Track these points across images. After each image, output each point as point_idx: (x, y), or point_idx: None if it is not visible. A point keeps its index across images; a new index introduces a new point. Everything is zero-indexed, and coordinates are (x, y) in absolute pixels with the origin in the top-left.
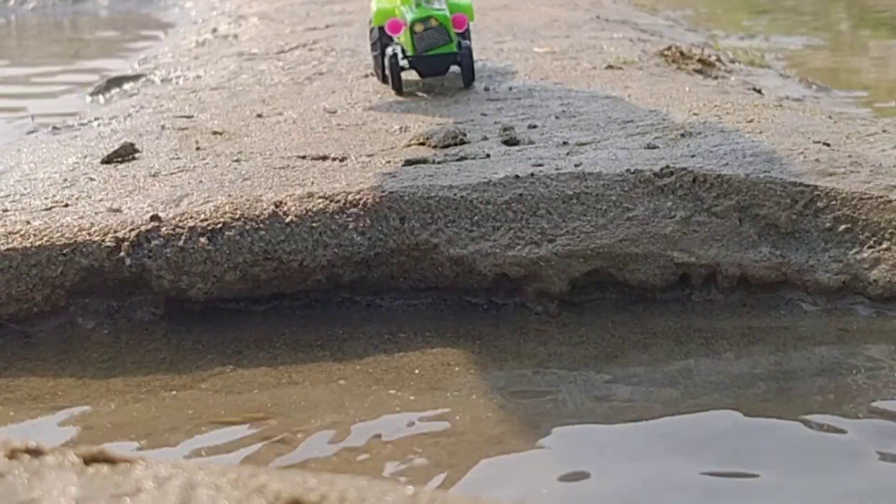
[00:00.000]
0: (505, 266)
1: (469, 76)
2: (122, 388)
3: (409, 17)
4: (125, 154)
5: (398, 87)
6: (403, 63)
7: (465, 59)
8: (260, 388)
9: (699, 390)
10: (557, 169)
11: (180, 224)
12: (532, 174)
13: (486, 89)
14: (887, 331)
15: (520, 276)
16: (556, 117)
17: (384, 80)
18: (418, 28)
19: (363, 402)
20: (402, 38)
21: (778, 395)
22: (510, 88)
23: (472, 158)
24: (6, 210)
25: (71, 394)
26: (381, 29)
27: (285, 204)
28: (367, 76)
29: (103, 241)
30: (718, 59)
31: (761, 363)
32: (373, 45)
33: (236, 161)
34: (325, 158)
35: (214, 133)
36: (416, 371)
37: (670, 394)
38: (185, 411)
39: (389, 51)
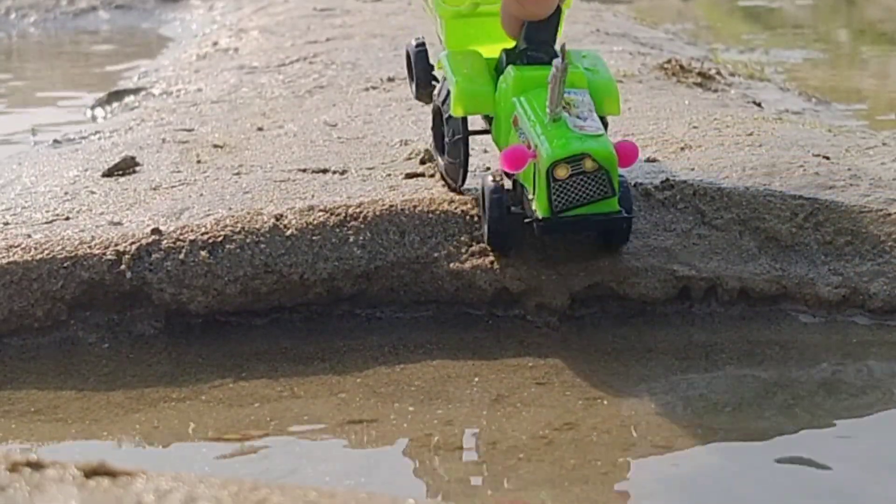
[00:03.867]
0: (505, 280)
1: (623, 239)
2: (123, 400)
3: (546, 149)
4: (126, 167)
5: (501, 247)
6: (518, 213)
7: (623, 222)
8: (261, 402)
9: (698, 405)
10: None
11: (181, 237)
12: None
13: None
14: (888, 343)
15: (520, 291)
16: None
17: (458, 189)
18: (561, 173)
19: (363, 415)
20: (525, 176)
21: (778, 412)
22: None
23: (472, 171)
24: (7, 223)
25: (72, 407)
26: (465, 120)
27: (286, 217)
28: (367, 90)
29: (104, 254)
30: (718, 73)
31: (761, 377)
32: (450, 139)
33: (237, 174)
34: (325, 171)
35: (215, 146)
36: (417, 383)
37: (669, 409)
38: (186, 424)
39: (490, 183)
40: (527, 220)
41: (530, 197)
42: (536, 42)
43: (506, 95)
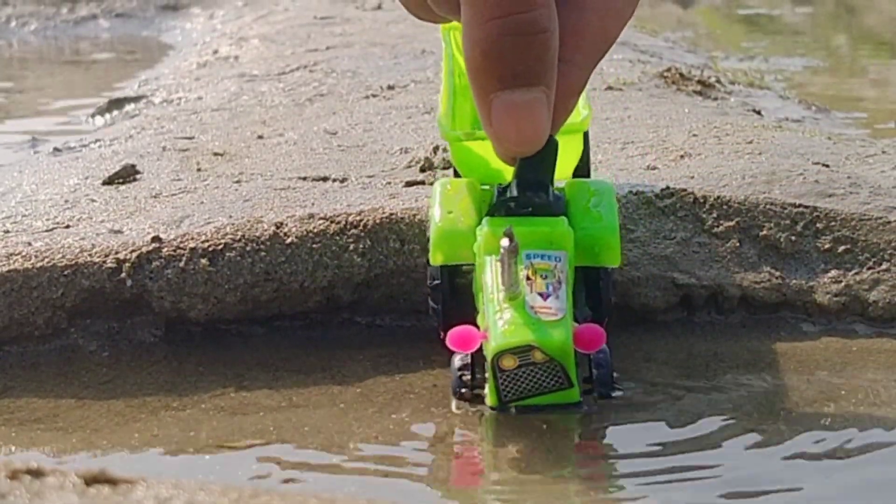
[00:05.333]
0: None
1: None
2: (123, 409)
3: (492, 336)
4: (126, 175)
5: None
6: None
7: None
8: (262, 411)
9: (698, 413)
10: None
11: (181, 245)
12: None
13: None
14: (888, 351)
15: None
16: None
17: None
18: (508, 364)
19: (363, 425)
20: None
21: (778, 420)
22: None
23: None
24: (7, 231)
25: (72, 415)
26: (444, 269)
27: (286, 225)
28: (367, 98)
29: (104, 262)
30: (718, 81)
31: (761, 386)
32: (429, 282)
33: (237, 182)
34: (325, 179)
35: (215, 154)
36: (417, 392)
37: (669, 419)
38: (186, 432)
39: (457, 361)
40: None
41: (486, 375)
42: (526, 183)
43: (478, 252)
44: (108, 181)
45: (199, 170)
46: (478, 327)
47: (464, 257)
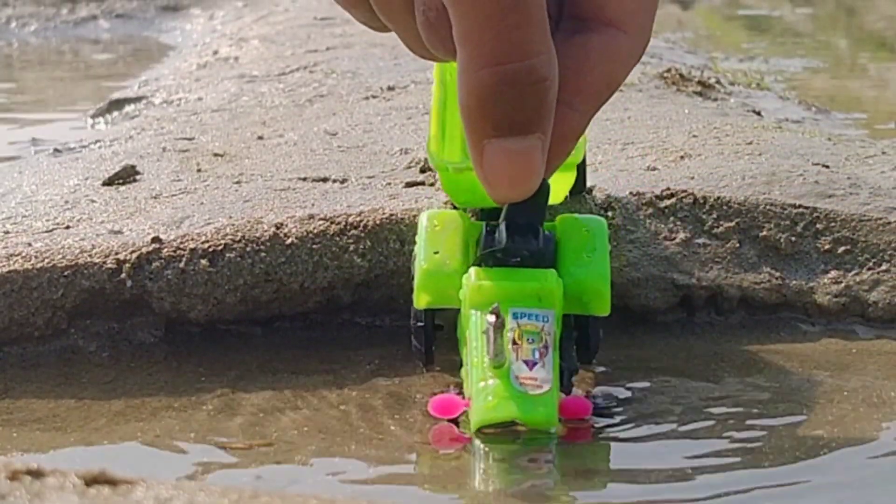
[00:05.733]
0: None
1: None
2: (123, 409)
3: (474, 408)
4: (126, 176)
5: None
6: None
7: None
8: (262, 412)
9: (698, 413)
10: None
11: (181, 246)
12: None
13: None
14: (887, 353)
15: None
16: None
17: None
18: (490, 430)
19: (364, 426)
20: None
21: (777, 421)
22: None
23: None
24: (7, 232)
25: (72, 415)
26: (429, 311)
27: (286, 226)
28: (367, 98)
29: (104, 263)
30: (718, 82)
31: (761, 387)
32: (413, 322)
33: (237, 183)
34: (325, 180)
35: (215, 155)
36: (418, 396)
37: (668, 419)
38: (186, 433)
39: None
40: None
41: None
42: (515, 227)
43: (464, 303)
44: (108, 182)
45: (199, 170)
46: (461, 392)
47: (449, 301)
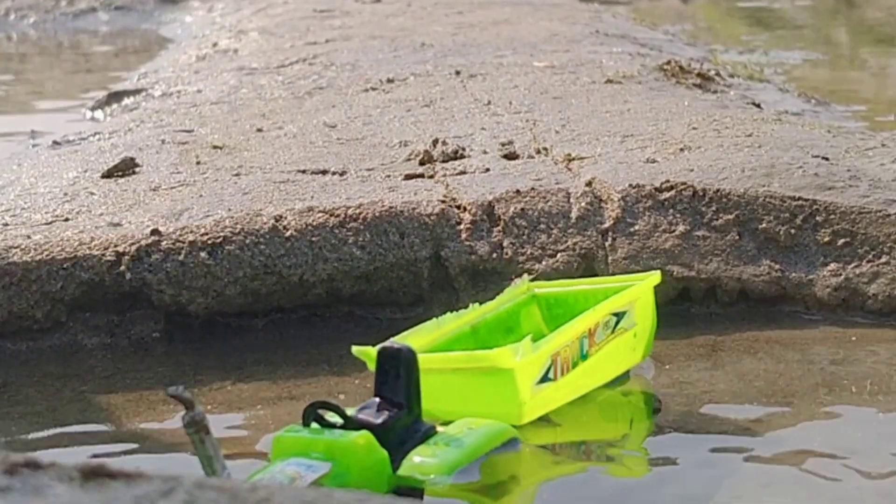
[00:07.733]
0: (506, 281)
1: None
2: (122, 402)
3: None
4: (125, 168)
5: None
6: None
7: None
8: (261, 403)
9: (699, 401)
10: (557, 183)
11: (180, 238)
12: (533, 188)
13: (488, 103)
14: (885, 341)
15: None
16: (556, 131)
17: None
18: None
19: None
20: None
21: (777, 408)
22: (510, 103)
23: (471, 173)
24: (7, 224)
25: (71, 409)
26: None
27: (285, 218)
28: (366, 91)
29: (104, 255)
30: (718, 74)
31: (760, 377)
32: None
33: (236, 175)
34: (324, 173)
35: (214, 147)
36: None
37: (671, 403)
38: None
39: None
40: None
41: None
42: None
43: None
44: (108, 174)
45: (198, 163)
46: None
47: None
